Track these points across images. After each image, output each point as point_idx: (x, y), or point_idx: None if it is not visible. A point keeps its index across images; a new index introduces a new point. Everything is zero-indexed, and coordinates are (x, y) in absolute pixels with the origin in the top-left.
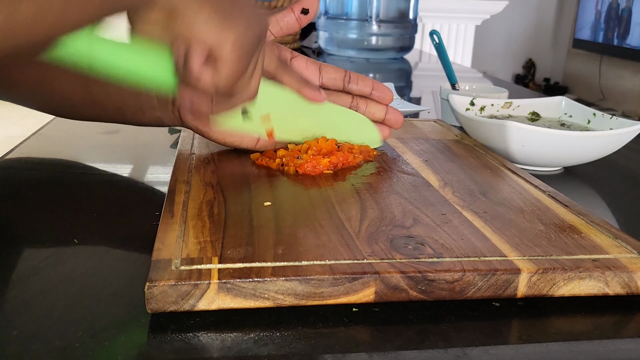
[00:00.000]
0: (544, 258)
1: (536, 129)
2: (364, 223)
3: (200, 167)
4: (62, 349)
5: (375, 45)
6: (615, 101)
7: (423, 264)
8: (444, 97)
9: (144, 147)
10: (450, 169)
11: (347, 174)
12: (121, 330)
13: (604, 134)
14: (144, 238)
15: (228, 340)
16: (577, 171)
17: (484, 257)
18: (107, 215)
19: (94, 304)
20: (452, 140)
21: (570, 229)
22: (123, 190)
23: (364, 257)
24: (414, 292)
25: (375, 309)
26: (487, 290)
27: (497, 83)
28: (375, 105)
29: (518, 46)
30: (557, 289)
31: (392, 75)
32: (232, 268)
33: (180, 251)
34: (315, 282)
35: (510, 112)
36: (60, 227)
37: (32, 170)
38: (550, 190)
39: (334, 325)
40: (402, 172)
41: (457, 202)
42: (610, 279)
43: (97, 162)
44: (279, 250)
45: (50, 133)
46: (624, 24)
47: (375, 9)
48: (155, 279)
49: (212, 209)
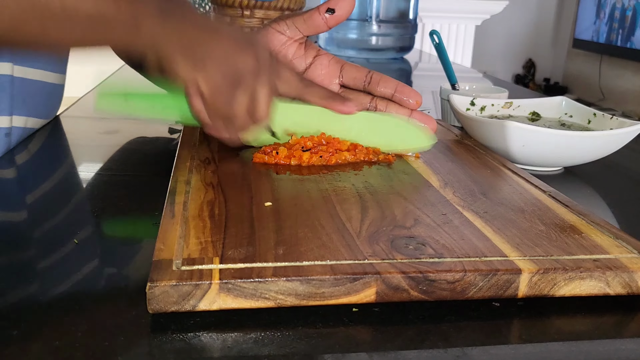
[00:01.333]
0: (545, 258)
1: (537, 128)
2: (365, 223)
3: (200, 167)
4: (63, 349)
5: (375, 45)
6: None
7: (424, 264)
8: (444, 97)
9: (144, 147)
10: (450, 169)
11: (348, 173)
12: (121, 330)
13: (605, 134)
14: (144, 238)
15: (228, 340)
16: (577, 171)
17: (484, 257)
18: (107, 215)
19: (94, 304)
20: (453, 140)
21: (570, 229)
22: (123, 190)
23: (365, 258)
24: (415, 293)
25: (375, 309)
26: (488, 290)
27: (497, 83)
28: (397, 109)
29: (518, 46)
30: (558, 289)
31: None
32: (233, 268)
33: (181, 251)
34: (317, 283)
35: (511, 112)
36: (60, 227)
37: (32, 170)
38: (551, 190)
39: (334, 326)
40: (403, 172)
41: (457, 202)
42: (611, 279)
43: (97, 162)
44: (280, 250)
45: (50, 132)
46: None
47: (375, 9)
48: (157, 279)
49: (212, 209)
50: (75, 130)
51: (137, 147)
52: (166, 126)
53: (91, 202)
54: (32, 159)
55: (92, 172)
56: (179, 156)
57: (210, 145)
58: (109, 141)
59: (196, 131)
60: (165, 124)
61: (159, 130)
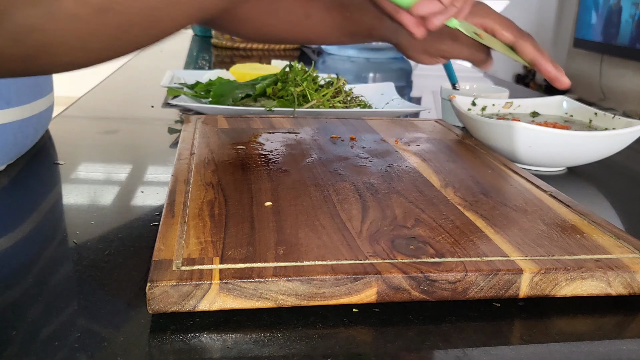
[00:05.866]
0: (546, 258)
1: (543, 129)
2: (366, 223)
3: (200, 167)
4: (62, 349)
5: (375, 44)
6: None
7: (425, 264)
8: (444, 97)
9: (144, 147)
10: (451, 169)
11: (348, 173)
12: (121, 330)
13: (611, 133)
14: (144, 238)
15: (228, 340)
16: (580, 171)
17: (486, 258)
18: (107, 215)
19: (94, 304)
20: (453, 140)
21: (572, 229)
22: (123, 190)
23: (365, 258)
24: (416, 293)
25: (376, 310)
26: (489, 290)
27: (498, 83)
28: None
29: None
30: (560, 289)
31: (393, 75)
32: (233, 268)
33: (181, 251)
34: (317, 283)
35: (512, 112)
36: (60, 227)
37: (31, 170)
38: (552, 190)
39: (335, 326)
40: (404, 172)
41: (458, 202)
42: (612, 279)
43: (97, 162)
44: (280, 250)
45: (51, 132)
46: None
47: None
48: (157, 280)
49: (212, 209)
50: (75, 130)
51: (136, 147)
52: (166, 126)
53: (91, 202)
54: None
55: (92, 172)
56: (178, 156)
57: (210, 145)
58: (109, 141)
59: (196, 131)
60: (164, 124)
61: (159, 130)
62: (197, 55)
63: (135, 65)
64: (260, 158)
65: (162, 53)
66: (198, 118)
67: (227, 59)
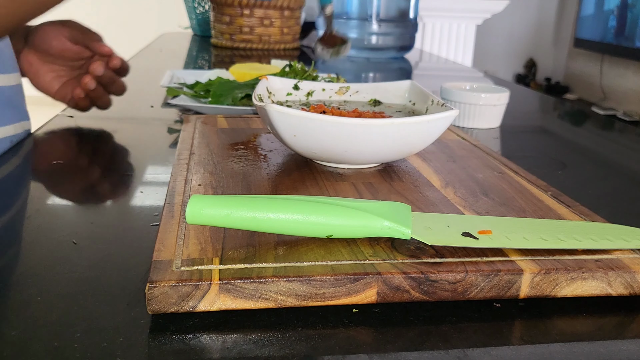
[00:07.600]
0: (547, 258)
1: (300, 113)
2: None
3: (200, 167)
4: (61, 350)
5: (375, 44)
6: (616, 101)
7: (425, 264)
8: (444, 97)
9: (144, 147)
10: (451, 168)
11: (348, 173)
12: (120, 331)
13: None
14: (144, 239)
15: (228, 341)
16: (578, 171)
17: (486, 258)
18: (107, 215)
19: (94, 305)
20: (454, 140)
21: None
22: (123, 190)
23: (365, 258)
24: (416, 293)
25: (376, 310)
26: (489, 290)
27: (498, 82)
28: None
29: (519, 45)
30: (560, 289)
31: (393, 75)
32: (233, 269)
33: (180, 252)
34: (317, 283)
35: (347, 99)
36: (60, 228)
37: (31, 170)
38: (552, 190)
39: (334, 326)
40: (404, 172)
41: (459, 202)
42: (613, 280)
43: (96, 162)
44: (280, 250)
45: (49, 132)
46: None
47: (376, 8)
48: (156, 280)
49: None
50: (74, 129)
51: (136, 147)
52: (165, 126)
53: (91, 202)
54: (31, 159)
55: (91, 172)
56: (178, 156)
57: (210, 145)
58: (108, 141)
59: (195, 131)
60: (164, 123)
61: (158, 130)
62: (196, 55)
63: (134, 65)
64: (260, 158)
65: (161, 53)
66: (197, 118)
67: (227, 58)
